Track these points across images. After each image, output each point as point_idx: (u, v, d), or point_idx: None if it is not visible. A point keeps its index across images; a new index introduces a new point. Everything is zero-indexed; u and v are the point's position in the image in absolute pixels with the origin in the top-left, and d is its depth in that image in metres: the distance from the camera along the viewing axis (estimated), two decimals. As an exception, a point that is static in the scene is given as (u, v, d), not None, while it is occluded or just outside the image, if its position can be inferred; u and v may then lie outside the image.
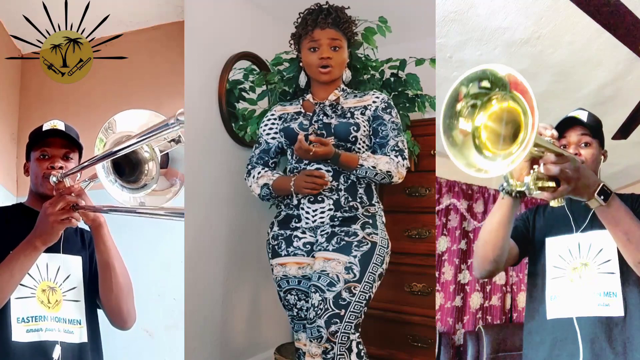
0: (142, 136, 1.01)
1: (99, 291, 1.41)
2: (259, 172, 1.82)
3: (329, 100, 1.79)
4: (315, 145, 1.60)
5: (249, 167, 1.87)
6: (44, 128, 1.43)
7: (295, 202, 1.74)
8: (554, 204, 1.09)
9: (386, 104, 1.77)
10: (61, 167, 1.39)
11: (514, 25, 2.05)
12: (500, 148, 0.92)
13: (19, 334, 1.28)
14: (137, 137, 1.06)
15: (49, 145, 1.42)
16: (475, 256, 1.34)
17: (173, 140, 1.21)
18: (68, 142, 1.43)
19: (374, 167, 1.66)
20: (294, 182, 1.70)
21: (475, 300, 3.21)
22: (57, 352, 1.29)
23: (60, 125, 1.44)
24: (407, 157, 1.74)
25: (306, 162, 1.72)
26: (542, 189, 1.01)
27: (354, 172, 1.68)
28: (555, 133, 1.04)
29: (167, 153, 1.26)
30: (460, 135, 0.94)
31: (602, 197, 1.07)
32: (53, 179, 1.31)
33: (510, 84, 0.85)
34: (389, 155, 1.71)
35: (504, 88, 0.87)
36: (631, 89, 2.45)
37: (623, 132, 2.40)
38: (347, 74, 1.83)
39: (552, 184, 1.02)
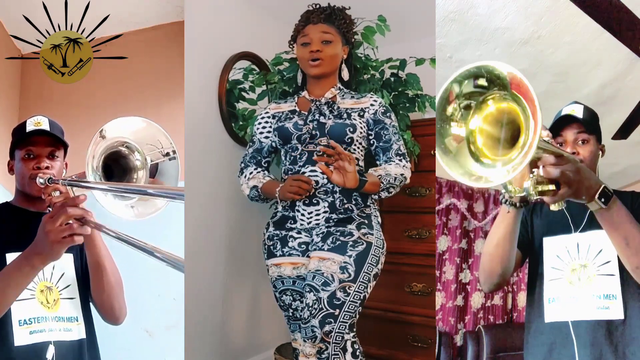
0: (148, 192, 1.01)
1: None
2: (250, 172, 1.83)
3: (326, 98, 1.79)
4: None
5: (242, 165, 1.88)
6: (28, 125, 1.39)
7: (290, 203, 1.74)
8: (554, 207, 1.03)
9: (385, 108, 1.79)
10: (47, 167, 1.37)
11: (514, 25, 2.05)
12: (499, 154, 0.86)
13: (22, 337, 1.28)
14: (139, 186, 1.09)
15: (34, 145, 1.39)
16: (481, 271, 1.32)
17: (167, 154, 1.20)
18: (53, 140, 1.40)
19: (389, 174, 1.68)
20: (279, 189, 1.70)
21: (477, 299, 3.21)
22: (50, 352, 1.28)
23: (45, 122, 1.40)
24: (408, 159, 1.77)
25: (300, 164, 1.72)
26: (542, 193, 0.95)
27: (381, 186, 1.67)
28: (550, 134, 0.99)
29: (157, 164, 1.24)
30: (453, 142, 0.87)
31: (602, 199, 1.03)
32: (40, 180, 1.30)
33: (511, 83, 0.79)
34: (394, 161, 1.73)
35: (504, 87, 0.81)
36: (631, 89, 2.45)
37: (623, 132, 2.40)
38: (345, 73, 1.83)
39: (552, 187, 0.96)
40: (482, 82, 0.83)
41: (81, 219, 1.11)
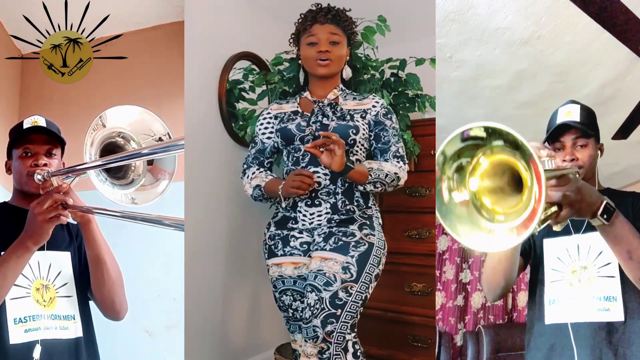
0: (143, 153, 1.01)
1: (90, 285, 1.41)
2: (253, 173, 1.83)
3: (328, 99, 1.79)
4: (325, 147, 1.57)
5: (245, 166, 1.88)
6: (25, 125, 1.40)
7: (292, 204, 1.74)
8: (557, 228, 1.00)
9: (386, 110, 1.78)
10: (45, 164, 1.37)
11: (514, 25, 2.05)
12: (504, 205, 0.83)
13: (17, 335, 1.28)
14: (134, 151, 1.08)
15: (31, 143, 1.39)
16: (485, 283, 1.32)
17: (160, 139, 1.21)
18: (50, 138, 1.41)
19: (382, 169, 1.67)
20: (282, 186, 1.69)
21: (477, 299, 3.20)
22: (37, 351, 1.28)
23: (42, 121, 1.41)
24: (407, 161, 1.76)
25: (303, 164, 1.72)
26: (545, 220, 0.91)
27: (368, 178, 1.66)
28: (552, 152, 0.96)
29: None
30: (462, 208, 0.84)
31: (605, 216, 1.02)
32: (38, 177, 1.31)
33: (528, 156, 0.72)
34: (391, 162, 1.72)
35: (507, 140, 0.75)
36: (631, 89, 2.45)
37: (623, 132, 2.40)
38: (347, 72, 1.83)
39: (554, 209, 0.93)
40: (479, 132, 0.77)
41: (64, 203, 1.23)
